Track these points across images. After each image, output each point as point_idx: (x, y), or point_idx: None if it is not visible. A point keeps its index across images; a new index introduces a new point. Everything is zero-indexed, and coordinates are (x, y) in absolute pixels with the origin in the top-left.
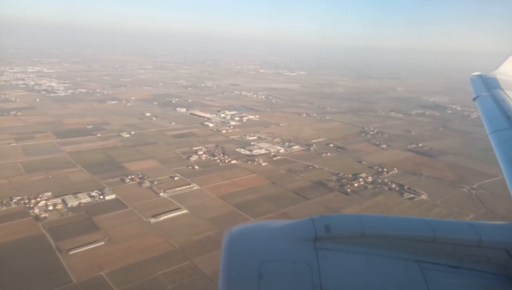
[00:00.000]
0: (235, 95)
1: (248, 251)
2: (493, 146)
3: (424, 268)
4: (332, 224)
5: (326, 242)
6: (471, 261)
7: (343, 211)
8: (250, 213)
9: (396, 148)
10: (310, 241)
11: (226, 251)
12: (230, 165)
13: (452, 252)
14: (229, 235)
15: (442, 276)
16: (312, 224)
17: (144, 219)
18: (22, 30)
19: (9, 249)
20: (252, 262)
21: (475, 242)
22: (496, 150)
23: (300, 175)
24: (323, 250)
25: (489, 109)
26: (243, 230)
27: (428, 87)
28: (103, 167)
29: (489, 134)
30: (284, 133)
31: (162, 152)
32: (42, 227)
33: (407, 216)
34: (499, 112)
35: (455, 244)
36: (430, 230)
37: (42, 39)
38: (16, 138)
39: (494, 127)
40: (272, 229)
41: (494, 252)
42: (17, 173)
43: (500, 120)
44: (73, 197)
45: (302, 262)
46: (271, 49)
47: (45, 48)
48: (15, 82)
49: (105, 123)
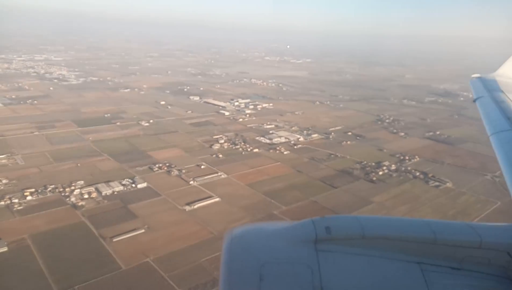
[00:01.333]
0: (245, 83)
1: (248, 252)
2: (494, 148)
3: (425, 270)
4: (333, 225)
5: (326, 243)
6: (472, 262)
7: (373, 199)
8: (281, 201)
9: (414, 136)
10: (310, 242)
11: (226, 253)
12: (253, 153)
13: (453, 254)
14: (230, 237)
15: (443, 277)
16: (313, 225)
17: (179, 207)
18: (23, 16)
19: (54, 237)
20: (252, 263)
21: (476, 244)
22: (497, 152)
23: (324, 164)
24: (324, 252)
25: (490, 110)
26: (243, 232)
27: (437, 74)
28: (129, 155)
29: (489, 136)
30: (300, 121)
31: (184, 140)
32: (81, 215)
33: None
34: (500, 113)
35: (456, 246)
36: (431, 231)
37: (44, 26)
38: (38, 127)
39: (494, 128)
40: (273, 230)
41: (495, 254)
42: (46, 162)
43: (500, 122)
44: (106, 185)
45: (302, 263)
46: (274, 37)
47: (48, 35)
48: (26, 70)
49: (122, 111)
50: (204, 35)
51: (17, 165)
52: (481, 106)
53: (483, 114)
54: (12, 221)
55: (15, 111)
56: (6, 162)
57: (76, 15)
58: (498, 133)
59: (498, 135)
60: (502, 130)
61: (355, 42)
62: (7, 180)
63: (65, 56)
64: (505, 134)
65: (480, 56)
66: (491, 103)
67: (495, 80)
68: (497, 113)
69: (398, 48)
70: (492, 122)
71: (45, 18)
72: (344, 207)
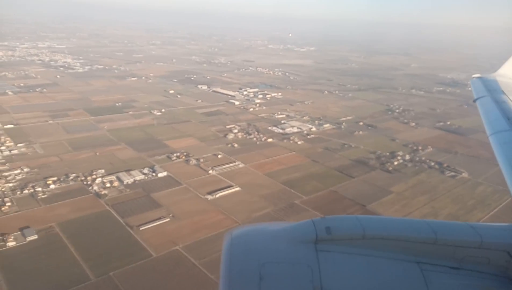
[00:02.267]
0: (251, 71)
1: (248, 252)
2: (493, 147)
3: (424, 270)
4: (333, 226)
5: (327, 244)
6: (472, 262)
7: (392, 189)
8: (301, 191)
9: (425, 126)
10: (311, 243)
11: (226, 253)
12: (267, 143)
13: (453, 254)
14: (230, 237)
15: (442, 277)
16: (313, 226)
17: (201, 196)
18: (21, 3)
19: (82, 225)
20: (252, 263)
21: (476, 244)
22: (496, 151)
23: (338, 154)
24: (324, 252)
25: (490, 110)
26: (243, 232)
27: (442, 63)
28: (145, 144)
29: (489, 136)
30: (310, 111)
31: (198, 130)
32: (105, 203)
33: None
34: (500, 113)
35: (456, 246)
36: (431, 231)
37: (43, 13)
38: (51, 116)
39: (494, 128)
40: (273, 231)
41: (495, 254)
42: (64, 150)
43: (500, 122)
44: (127, 174)
45: (303, 263)
46: (275, 24)
47: (47, 22)
48: (30, 58)
49: (132, 100)
50: (204, 23)
51: (36, 154)
52: (481, 106)
53: (483, 114)
54: (37, 210)
55: (26, 100)
56: (25, 150)
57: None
58: (498, 133)
59: (497, 135)
60: (501, 130)
61: (357, 31)
62: (28, 168)
63: (68, 44)
64: (504, 134)
65: (483, 46)
66: (491, 103)
67: (496, 80)
68: (497, 113)
69: (401, 37)
70: (492, 122)
71: (43, 5)
72: (364, 197)
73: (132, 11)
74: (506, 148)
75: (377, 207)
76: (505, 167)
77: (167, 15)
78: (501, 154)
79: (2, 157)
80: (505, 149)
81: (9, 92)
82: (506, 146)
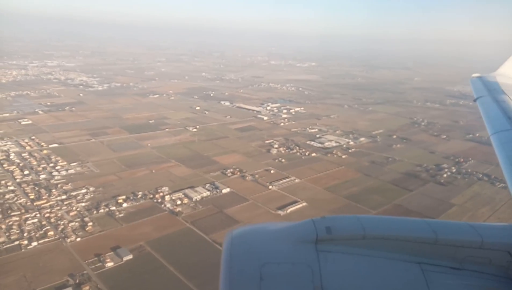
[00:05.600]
0: (264, 87)
1: (249, 252)
2: (494, 147)
3: (425, 270)
4: (333, 225)
5: (327, 244)
6: (472, 262)
7: (452, 202)
8: (367, 205)
9: (456, 139)
10: (311, 243)
11: (227, 253)
12: (312, 158)
13: (453, 254)
14: (230, 237)
15: (443, 277)
16: (313, 225)
17: (272, 211)
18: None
19: (170, 243)
20: (253, 263)
21: (477, 244)
22: (497, 151)
23: (386, 167)
24: (324, 252)
25: (490, 110)
26: (244, 232)
27: (443, 77)
28: (195, 161)
29: (490, 135)
30: (339, 125)
31: (239, 145)
32: (183, 221)
33: (408, 217)
34: (500, 113)
35: (456, 246)
36: (432, 231)
37: (39, 31)
38: (91, 134)
39: (495, 128)
40: (273, 231)
41: (496, 254)
42: (119, 169)
43: (501, 121)
44: (192, 191)
45: (303, 264)
46: (270, 40)
47: (46, 40)
48: (45, 77)
49: (163, 117)
50: (201, 40)
51: (93, 173)
52: (481, 106)
53: (483, 114)
54: (121, 229)
55: (59, 118)
56: (80, 169)
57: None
58: (499, 133)
59: (498, 134)
60: (502, 130)
61: (352, 47)
62: (93, 187)
63: (76, 62)
64: (505, 134)
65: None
66: (491, 102)
67: (496, 79)
68: (497, 112)
69: (395, 51)
70: (492, 121)
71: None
72: (429, 210)
73: (125, 28)
74: (507, 148)
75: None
76: (506, 167)
77: (160, 31)
78: (502, 153)
79: (61, 177)
80: (506, 149)
81: (39, 111)
82: (507, 146)
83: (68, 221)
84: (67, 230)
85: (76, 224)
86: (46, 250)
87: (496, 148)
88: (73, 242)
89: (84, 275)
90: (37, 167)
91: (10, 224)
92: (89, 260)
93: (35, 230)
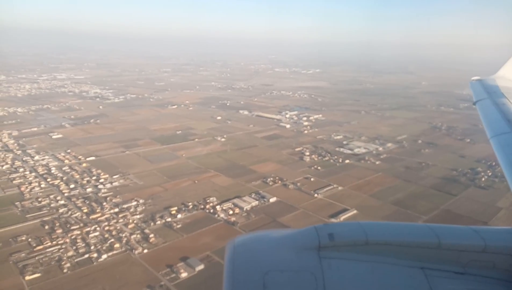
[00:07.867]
0: (277, 95)
1: (252, 261)
2: (494, 150)
3: (429, 275)
4: (336, 232)
5: (330, 250)
6: (476, 267)
7: (499, 205)
8: (417, 211)
9: (481, 142)
10: (314, 250)
11: (229, 262)
12: (347, 165)
13: (457, 258)
14: (232, 246)
15: (447, 282)
16: (316, 232)
17: (325, 219)
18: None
19: None
20: (256, 271)
21: (480, 248)
22: (498, 154)
23: (423, 172)
24: (327, 259)
25: (490, 113)
26: (246, 240)
27: (448, 80)
28: (234, 170)
29: (490, 138)
30: (362, 131)
31: (271, 154)
32: (241, 230)
33: (411, 223)
34: (500, 116)
35: (460, 250)
36: (435, 236)
37: (37, 45)
38: (124, 146)
39: (494, 131)
40: (276, 238)
41: (500, 258)
42: (161, 180)
43: (500, 124)
44: (241, 201)
45: (306, 271)
46: (269, 48)
47: (47, 53)
48: (59, 90)
49: (189, 128)
50: (201, 50)
51: (138, 185)
52: (481, 109)
53: (483, 117)
54: (183, 240)
55: (87, 132)
56: (124, 182)
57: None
58: (499, 136)
59: (498, 137)
60: (502, 133)
61: (350, 52)
62: (142, 199)
63: (85, 75)
64: (505, 137)
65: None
66: (491, 105)
67: (495, 82)
68: (497, 115)
69: (394, 56)
70: (492, 124)
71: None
72: (478, 214)
73: (122, 39)
74: (507, 151)
75: (499, 224)
76: (507, 170)
77: (157, 42)
78: (503, 157)
79: (107, 190)
80: (507, 152)
81: (66, 125)
82: (508, 149)
83: (129, 233)
84: (131, 242)
85: (138, 236)
86: (118, 262)
87: (497, 151)
88: (141, 254)
89: (163, 286)
90: (81, 181)
91: (73, 238)
92: (163, 271)
93: (99, 243)
